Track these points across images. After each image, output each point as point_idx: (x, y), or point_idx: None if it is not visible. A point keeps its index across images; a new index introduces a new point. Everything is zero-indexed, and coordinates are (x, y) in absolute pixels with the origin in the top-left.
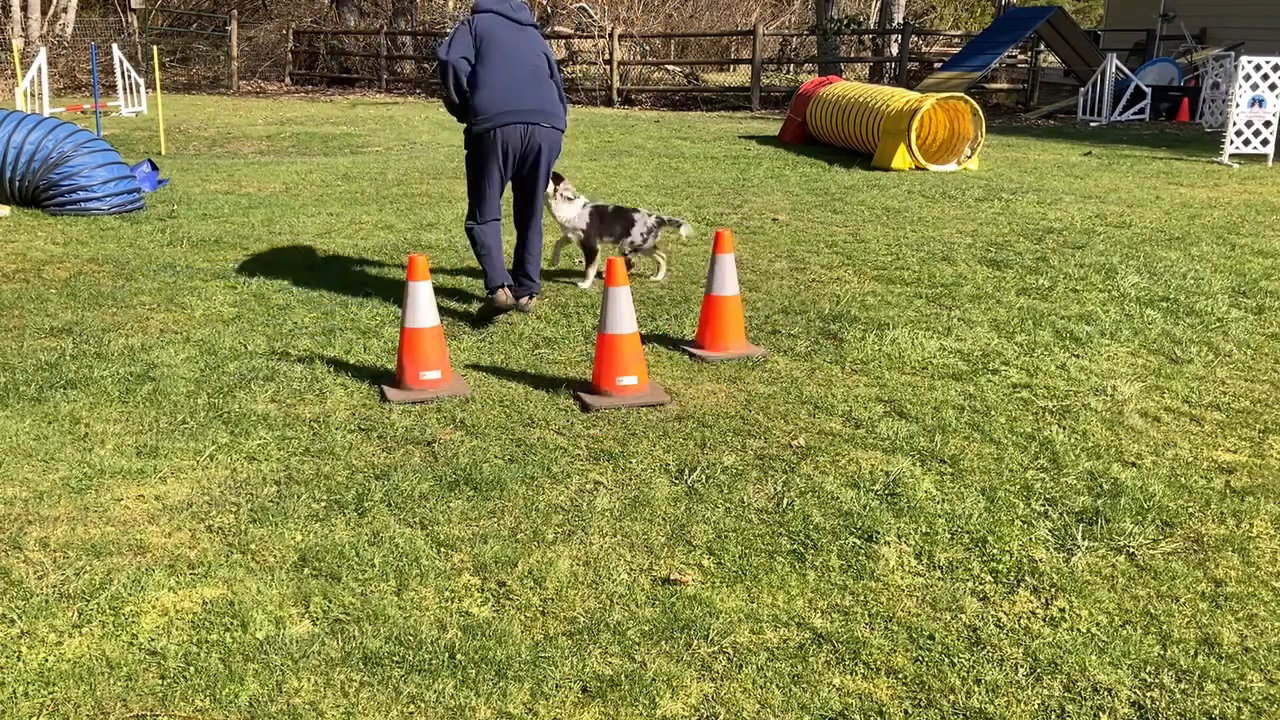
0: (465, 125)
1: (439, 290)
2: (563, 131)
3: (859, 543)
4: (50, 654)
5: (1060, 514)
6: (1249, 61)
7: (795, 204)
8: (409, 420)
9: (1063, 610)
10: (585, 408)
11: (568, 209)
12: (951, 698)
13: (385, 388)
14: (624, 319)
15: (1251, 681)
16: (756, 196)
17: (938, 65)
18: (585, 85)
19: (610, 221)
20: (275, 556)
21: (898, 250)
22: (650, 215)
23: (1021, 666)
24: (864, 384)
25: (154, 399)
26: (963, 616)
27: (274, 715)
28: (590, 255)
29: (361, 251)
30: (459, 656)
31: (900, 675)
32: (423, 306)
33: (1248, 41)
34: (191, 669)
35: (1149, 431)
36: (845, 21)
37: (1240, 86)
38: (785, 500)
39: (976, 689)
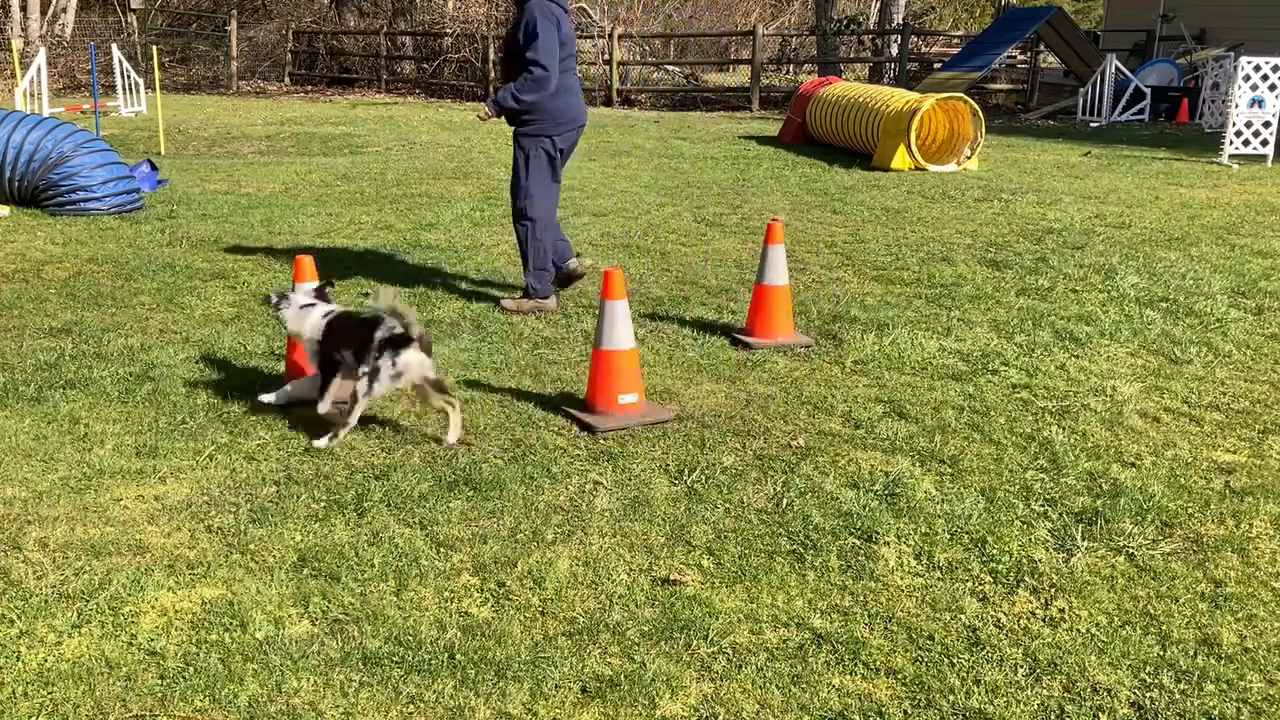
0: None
1: (441, 291)
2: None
3: (859, 543)
4: (50, 654)
5: (1060, 514)
6: (1249, 62)
7: (795, 204)
8: (409, 420)
9: (1062, 611)
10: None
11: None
12: (951, 698)
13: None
14: (622, 334)
15: (1251, 682)
16: (756, 197)
17: (937, 66)
18: (585, 85)
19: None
20: (275, 556)
21: (897, 251)
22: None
23: (1021, 667)
24: (864, 384)
25: (153, 399)
26: (962, 617)
27: (273, 715)
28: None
29: (360, 252)
30: (458, 657)
31: (900, 675)
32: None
33: (1248, 42)
34: (191, 669)
35: (1149, 432)
36: (845, 22)
37: (1240, 87)
38: (785, 500)
39: (976, 689)
